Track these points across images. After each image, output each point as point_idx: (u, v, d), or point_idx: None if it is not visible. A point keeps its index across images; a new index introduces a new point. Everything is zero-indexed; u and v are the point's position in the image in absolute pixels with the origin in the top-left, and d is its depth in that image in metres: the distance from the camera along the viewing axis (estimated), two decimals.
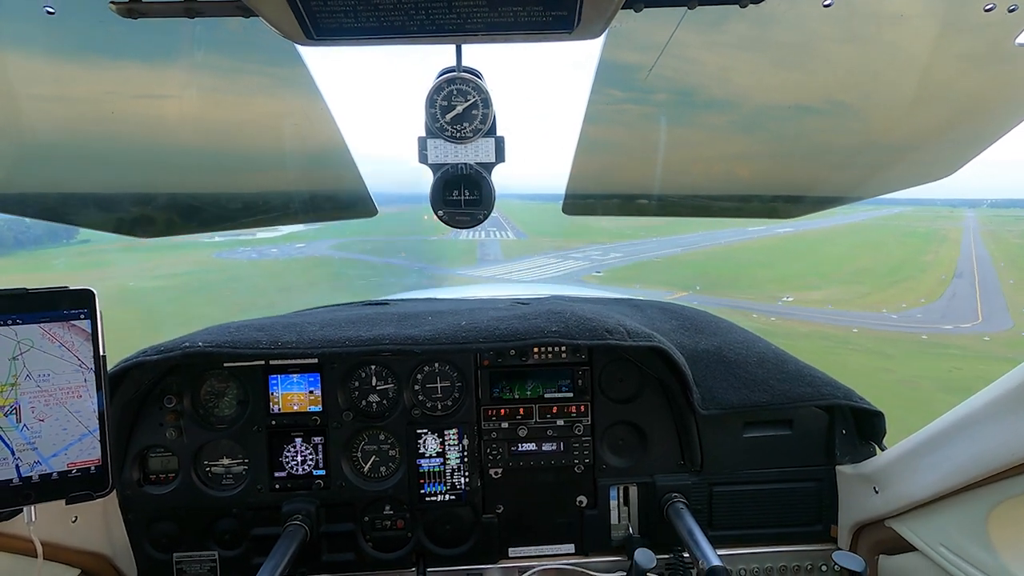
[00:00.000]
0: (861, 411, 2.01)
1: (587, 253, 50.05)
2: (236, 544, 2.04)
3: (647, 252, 50.97)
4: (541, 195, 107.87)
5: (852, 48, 1.39)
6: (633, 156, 1.77)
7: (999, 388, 1.33)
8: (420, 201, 1.29)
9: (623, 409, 2.11)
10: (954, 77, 1.44)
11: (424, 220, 12.27)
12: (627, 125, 1.63)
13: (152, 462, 2.03)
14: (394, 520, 2.08)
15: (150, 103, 1.49)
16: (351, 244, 55.36)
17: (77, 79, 1.42)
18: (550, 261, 45.43)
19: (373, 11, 0.93)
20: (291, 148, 1.76)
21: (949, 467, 1.49)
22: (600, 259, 47.22)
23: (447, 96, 1.20)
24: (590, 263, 45.01)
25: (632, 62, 1.39)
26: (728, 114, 1.64)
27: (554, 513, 2.13)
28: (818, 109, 1.63)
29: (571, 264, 44.29)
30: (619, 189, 1.94)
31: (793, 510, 2.09)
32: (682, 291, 34.13)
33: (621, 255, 49.11)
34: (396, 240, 57.40)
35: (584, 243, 58.48)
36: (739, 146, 1.75)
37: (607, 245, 58.14)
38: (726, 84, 1.51)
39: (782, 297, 34.64)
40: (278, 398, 2.04)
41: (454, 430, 2.07)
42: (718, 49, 1.36)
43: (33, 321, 1.21)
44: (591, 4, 0.91)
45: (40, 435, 1.22)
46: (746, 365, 2.05)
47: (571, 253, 49.59)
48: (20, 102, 1.43)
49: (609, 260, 47.05)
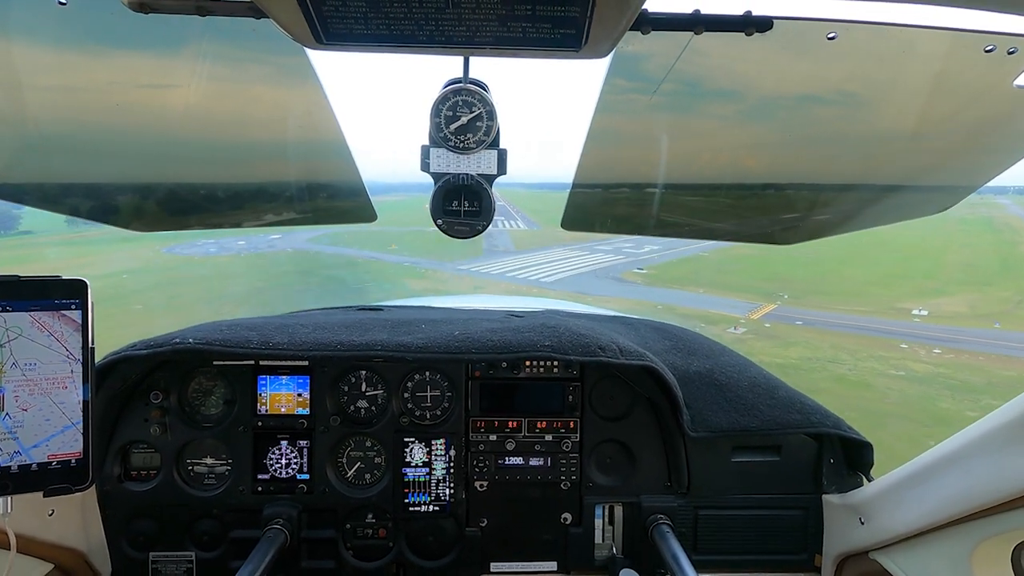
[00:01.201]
0: (850, 441, 2.01)
1: (616, 245, 42.12)
2: (214, 546, 2.01)
3: (689, 245, 40.89)
4: (548, 184, 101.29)
5: (853, 82, 1.41)
6: (642, 146, 1.76)
7: (989, 423, 1.34)
8: (420, 190, 1.28)
9: (612, 427, 2.11)
10: (950, 116, 1.46)
11: (425, 209, 11.29)
12: (635, 115, 1.63)
13: (134, 458, 2.00)
14: (376, 529, 2.06)
15: (155, 93, 1.49)
16: (335, 235, 47.60)
17: (83, 69, 1.42)
18: (574, 254, 38.75)
19: (384, 19, 0.94)
20: (292, 146, 1.76)
21: (936, 501, 1.49)
22: (634, 252, 39.74)
23: (452, 107, 1.21)
24: (624, 257, 38.16)
25: (643, 51, 1.39)
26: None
27: (538, 529, 2.11)
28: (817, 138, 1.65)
29: (600, 258, 37.91)
30: (628, 178, 1.92)
31: (778, 537, 2.08)
32: (765, 301, 25.81)
33: (658, 247, 40.93)
34: (388, 231, 49.11)
35: (609, 233, 52.07)
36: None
37: (636, 236, 51.20)
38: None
39: (910, 309, 24.13)
40: (266, 399, 2.02)
41: (441, 440, 2.05)
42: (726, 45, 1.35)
43: (23, 309, 1.20)
44: (600, 24, 0.93)
45: (22, 425, 1.20)
46: (737, 389, 2.05)
47: (597, 245, 42.21)
48: (25, 91, 1.43)
49: (645, 255, 39.20)
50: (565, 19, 0.93)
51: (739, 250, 37.34)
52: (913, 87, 1.40)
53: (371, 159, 12.92)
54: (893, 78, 1.38)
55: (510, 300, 3.71)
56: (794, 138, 1.64)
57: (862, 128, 1.58)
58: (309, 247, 43.90)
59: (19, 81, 1.39)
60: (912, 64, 1.32)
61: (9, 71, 1.37)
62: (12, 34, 1.32)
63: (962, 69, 1.30)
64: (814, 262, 33.63)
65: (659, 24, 1.12)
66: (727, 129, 1.68)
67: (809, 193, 1.86)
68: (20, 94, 1.43)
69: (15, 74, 1.38)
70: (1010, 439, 1.27)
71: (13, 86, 1.40)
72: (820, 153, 1.70)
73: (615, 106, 1.55)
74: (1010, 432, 1.27)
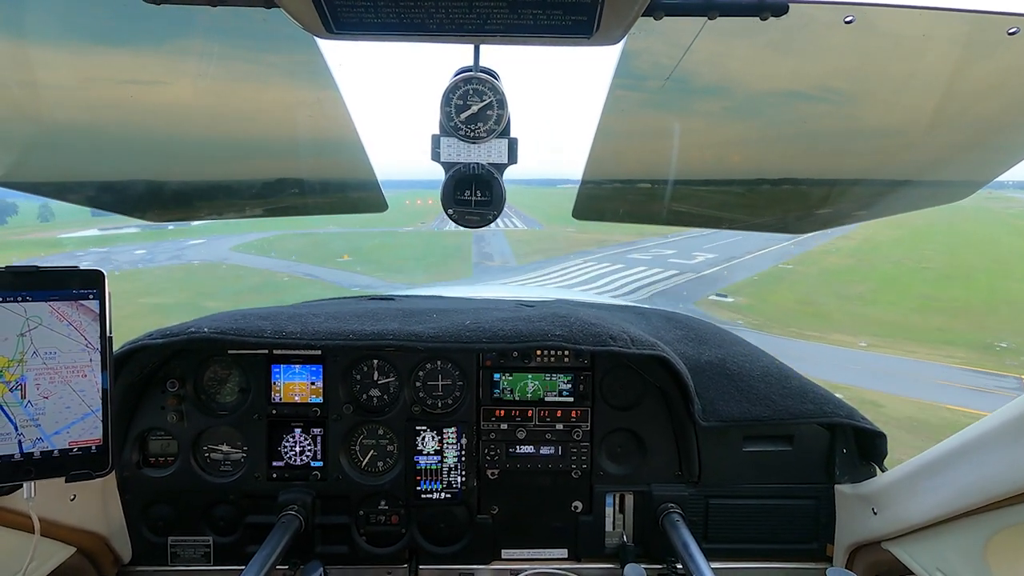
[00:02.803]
0: (863, 431, 2.00)
1: (650, 249, 32.59)
2: (231, 531, 2.05)
3: (751, 251, 31.09)
4: (544, 180, 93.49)
5: (871, 67, 1.38)
6: (655, 139, 1.74)
7: (1004, 415, 1.32)
8: (406, 187, 1.22)
9: (623, 416, 2.11)
10: (970, 103, 1.43)
11: (405, 206, 9.24)
12: (643, 113, 1.62)
13: (152, 445, 2.04)
14: (389, 515, 2.09)
15: (165, 88, 1.50)
16: (274, 242, 36.37)
17: (96, 65, 1.43)
18: (601, 265, 28.85)
19: (394, 7, 0.93)
20: (304, 138, 1.77)
21: (949, 492, 1.47)
22: (684, 263, 29.63)
23: (463, 95, 1.20)
24: (675, 271, 28.48)
25: (653, 49, 1.38)
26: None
27: (549, 517, 2.13)
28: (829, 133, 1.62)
29: (641, 273, 27.24)
30: (639, 171, 1.91)
31: (790, 527, 2.07)
32: (986, 357, 17.71)
33: (713, 254, 30.81)
34: (348, 234, 38.29)
35: (635, 235, 37.14)
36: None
37: (673, 237, 36.21)
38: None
39: None
40: (280, 388, 2.05)
41: (453, 429, 2.07)
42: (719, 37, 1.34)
43: (43, 299, 1.22)
44: (611, 10, 0.92)
45: (44, 412, 1.23)
46: (749, 379, 2.04)
47: (626, 251, 32.57)
48: (38, 88, 1.44)
49: (701, 265, 29.21)
50: (576, 5, 0.92)
51: (831, 260, 26.89)
52: (932, 74, 1.37)
53: (373, 153, 11.86)
54: (911, 66, 1.36)
55: (521, 290, 3.72)
56: (808, 132, 1.62)
57: (877, 121, 1.56)
58: (231, 258, 34.81)
59: (32, 78, 1.41)
60: (931, 49, 1.29)
61: (22, 68, 1.38)
62: (25, 31, 1.33)
63: (983, 54, 1.27)
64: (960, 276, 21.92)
65: (672, 10, 1.11)
66: (740, 123, 1.66)
67: (822, 188, 1.84)
68: (34, 90, 1.44)
69: (29, 70, 1.39)
70: (1023, 432, 1.26)
71: (27, 83, 1.41)
72: (834, 147, 1.68)
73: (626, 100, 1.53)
74: (1022, 425, 1.26)
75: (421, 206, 44.09)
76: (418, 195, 47.78)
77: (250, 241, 37.07)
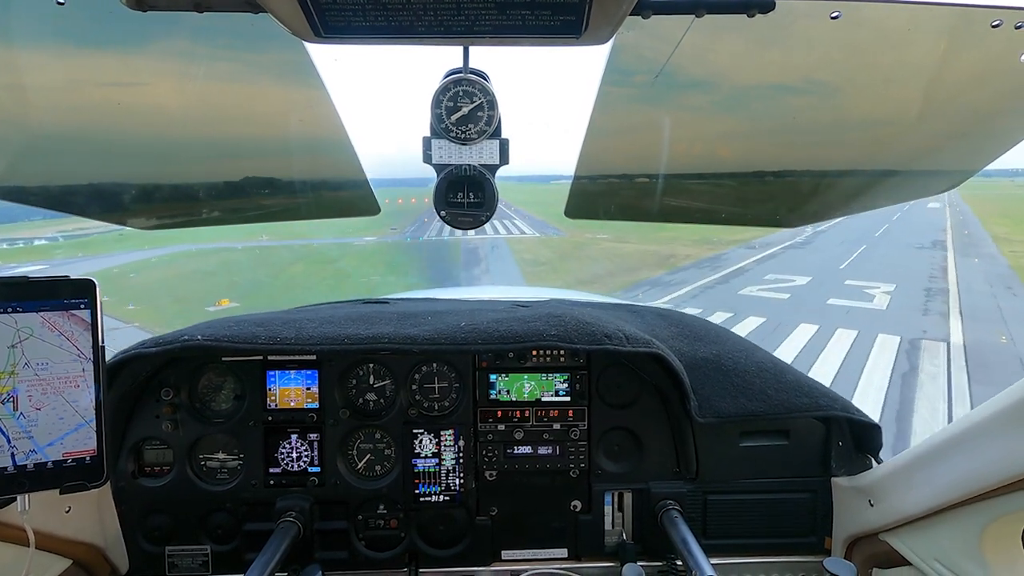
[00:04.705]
0: (858, 423, 2.01)
1: (771, 283, 20.58)
2: (229, 539, 2.04)
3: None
4: (537, 176, 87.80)
5: (858, 60, 1.39)
6: (647, 134, 1.75)
7: (998, 403, 1.33)
8: (378, 185, 1.16)
9: (620, 415, 2.11)
10: (957, 93, 1.44)
11: (384, 204, 7.36)
12: (632, 109, 1.62)
13: (147, 454, 2.03)
14: (387, 519, 2.08)
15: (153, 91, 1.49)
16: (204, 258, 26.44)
17: (83, 68, 1.42)
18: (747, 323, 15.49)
19: (382, 10, 0.93)
20: (294, 141, 1.76)
21: (945, 482, 1.49)
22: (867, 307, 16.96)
23: (453, 97, 1.20)
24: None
25: (641, 45, 1.38)
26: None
27: (548, 517, 2.13)
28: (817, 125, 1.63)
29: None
30: (631, 167, 1.91)
31: (788, 521, 2.08)
32: None
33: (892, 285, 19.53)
34: (297, 246, 29.05)
35: (703, 246, 26.49)
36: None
37: (759, 251, 25.46)
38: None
39: None
40: (275, 394, 2.04)
41: (450, 431, 2.07)
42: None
43: (33, 309, 1.21)
44: (599, 10, 0.92)
45: (36, 424, 1.22)
46: (744, 374, 2.05)
47: (715, 281, 21.13)
48: (26, 93, 1.43)
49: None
50: (565, 6, 0.92)
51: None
52: (918, 66, 1.38)
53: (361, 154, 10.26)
54: (897, 58, 1.37)
55: (516, 291, 3.72)
56: (797, 124, 1.63)
57: (865, 112, 1.57)
58: None
59: (20, 82, 1.40)
60: (917, 42, 1.30)
61: (9, 72, 1.37)
62: (11, 34, 1.32)
63: (969, 45, 1.28)
64: None
65: (660, 8, 1.11)
66: (729, 117, 1.67)
67: (812, 179, 1.85)
68: (22, 95, 1.43)
69: (16, 75, 1.38)
70: (1019, 419, 1.27)
71: (14, 87, 1.40)
72: (824, 139, 1.69)
73: (616, 96, 1.54)
74: (1019, 412, 1.27)
75: (389, 205, 39.62)
76: (399, 194, 46.62)
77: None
